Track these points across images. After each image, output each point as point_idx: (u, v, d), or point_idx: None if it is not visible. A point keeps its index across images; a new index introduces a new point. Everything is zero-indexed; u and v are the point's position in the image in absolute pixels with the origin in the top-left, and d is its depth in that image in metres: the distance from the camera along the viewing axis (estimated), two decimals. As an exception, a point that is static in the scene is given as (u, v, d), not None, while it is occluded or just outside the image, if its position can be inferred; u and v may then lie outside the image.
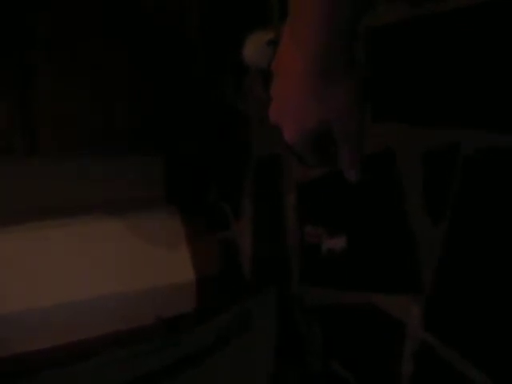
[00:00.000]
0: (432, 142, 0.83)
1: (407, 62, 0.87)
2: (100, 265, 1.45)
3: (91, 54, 1.27)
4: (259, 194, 1.40)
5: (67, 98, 1.28)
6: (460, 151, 0.78)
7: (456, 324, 0.82)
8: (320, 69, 0.41)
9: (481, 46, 0.73)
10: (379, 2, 0.89)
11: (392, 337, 0.94)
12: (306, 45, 0.41)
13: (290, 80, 0.44)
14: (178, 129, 1.46)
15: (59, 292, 1.38)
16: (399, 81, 0.89)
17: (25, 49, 1.20)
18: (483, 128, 0.74)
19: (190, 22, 1.33)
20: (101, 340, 1.37)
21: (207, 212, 1.66)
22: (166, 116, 1.42)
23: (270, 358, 1.12)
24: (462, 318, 0.80)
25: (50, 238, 1.44)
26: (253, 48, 1.18)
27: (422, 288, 0.87)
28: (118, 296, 1.44)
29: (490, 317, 0.76)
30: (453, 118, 0.79)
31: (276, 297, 1.24)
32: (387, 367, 0.97)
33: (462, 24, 0.76)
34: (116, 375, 1.12)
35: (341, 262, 1.07)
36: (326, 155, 0.50)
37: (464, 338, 0.80)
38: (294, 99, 0.44)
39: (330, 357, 1.13)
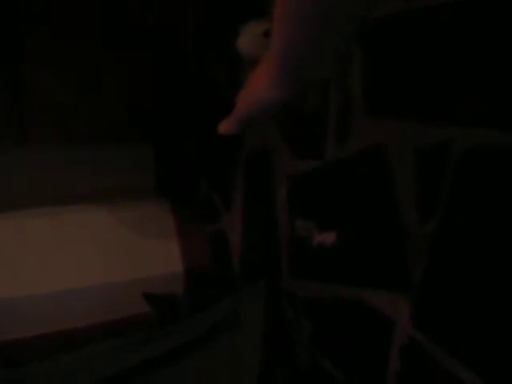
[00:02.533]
0: (424, 138, 0.82)
1: (400, 58, 0.86)
2: (88, 254, 1.44)
3: (82, 45, 1.25)
4: (250, 186, 1.39)
5: (57, 87, 1.26)
6: (452, 148, 0.77)
7: (444, 322, 0.82)
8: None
9: (474, 42, 0.73)
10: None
11: (380, 333, 0.95)
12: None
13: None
14: (168, 119, 1.45)
15: (46, 281, 1.37)
16: (392, 76, 0.88)
17: (15, 38, 1.18)
18: (476, 125, 0.74)
19: (187, 16, 1.32)
20: (89, 330, 1.36)
21: (197, 203, 1.65)
22: (155, 106, 1.41)
23: (258, 350, 1.12)
24: (451, 316, 0.81)
25: (38, 226, 1.43)
26: (248, 39, 1.17)
27: (410, 285, 0.87)
28: (106, 286, 1.43)
29: (478, 315, 0.76)
30: (446, 115, 0.79)
31: (265, 290, 1.24)
32: (375, 363, 0.97)
33: (456, 18, 0.75)
34: (104, 366, 1.11)
35: (331, 257, 1.07)
36: None
37: (452, 335, 0.81)
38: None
39: (319, 351, 1.13)
